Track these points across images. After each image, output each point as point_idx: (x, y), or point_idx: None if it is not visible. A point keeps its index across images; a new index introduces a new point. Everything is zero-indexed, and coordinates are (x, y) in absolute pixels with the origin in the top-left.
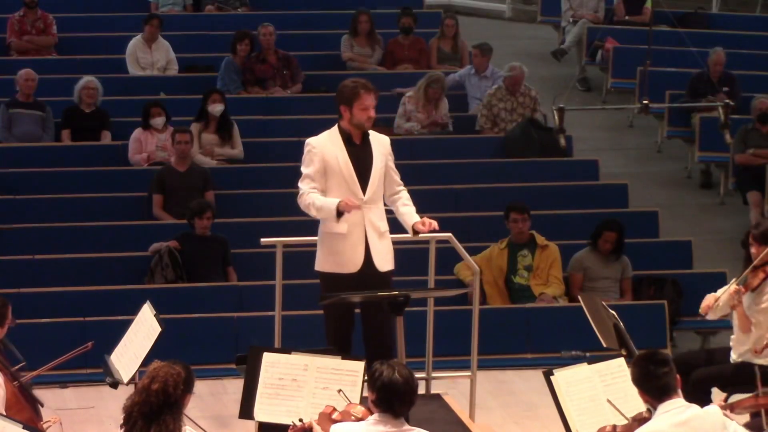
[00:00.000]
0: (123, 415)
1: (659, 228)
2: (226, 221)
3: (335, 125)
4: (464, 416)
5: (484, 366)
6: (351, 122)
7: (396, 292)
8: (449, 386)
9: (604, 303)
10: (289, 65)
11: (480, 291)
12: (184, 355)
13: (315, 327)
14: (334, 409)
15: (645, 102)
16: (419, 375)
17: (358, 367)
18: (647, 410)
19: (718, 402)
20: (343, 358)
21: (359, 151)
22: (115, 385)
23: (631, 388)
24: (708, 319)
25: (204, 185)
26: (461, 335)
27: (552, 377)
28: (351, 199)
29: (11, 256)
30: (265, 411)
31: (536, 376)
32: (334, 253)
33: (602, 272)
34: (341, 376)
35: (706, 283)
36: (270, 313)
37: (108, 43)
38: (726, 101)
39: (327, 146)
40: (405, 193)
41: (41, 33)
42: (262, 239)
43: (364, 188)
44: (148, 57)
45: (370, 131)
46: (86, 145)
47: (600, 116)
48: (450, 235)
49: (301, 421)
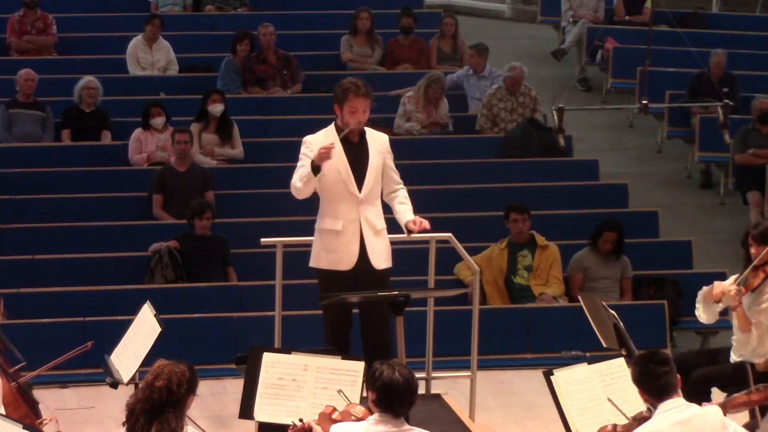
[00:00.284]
0: (125, 413)
1: (659, 228)
2: (226, 221)
3: (332, 123)
4: (464, 416)
5: (484, 366)
6: (342, 122)
7: (396, 292)
8: (449, 386)
9: (604, 303)
10: (289, 65)
11: (480, 291)
12: (184, 355)
13: (315, 327)
14: (334, 409)
15: (645, 102)
16: (419, 375)
17: (358, 367)
18: (647, 409)
19: (715, 401)
20: (343, 358)
21: (355, 149)
22: (115, 385)
23: (631, 388)
24: (703, 323)
25: (204, 185)
26: (461, 335)
27: (552, 377)
28: (323, 146)
29: (11, 256)
30: (265, 411)
31: (536, 376)
32: (329, 251)
33: (602, 272)
34: (341, 376)
35: (706, 283)
36: (270, 313)
37: (108, 43)
38: (726, 101)
39: (323, 144)
40: (403, 192)
41: (41, 33)
42: (262, 239)
43: (360, 186)
44: (149, 57)
45: (368, 129)
46: (86, 145)
47: (600, 116)
48: (450, 235)
49: (301, 421)
